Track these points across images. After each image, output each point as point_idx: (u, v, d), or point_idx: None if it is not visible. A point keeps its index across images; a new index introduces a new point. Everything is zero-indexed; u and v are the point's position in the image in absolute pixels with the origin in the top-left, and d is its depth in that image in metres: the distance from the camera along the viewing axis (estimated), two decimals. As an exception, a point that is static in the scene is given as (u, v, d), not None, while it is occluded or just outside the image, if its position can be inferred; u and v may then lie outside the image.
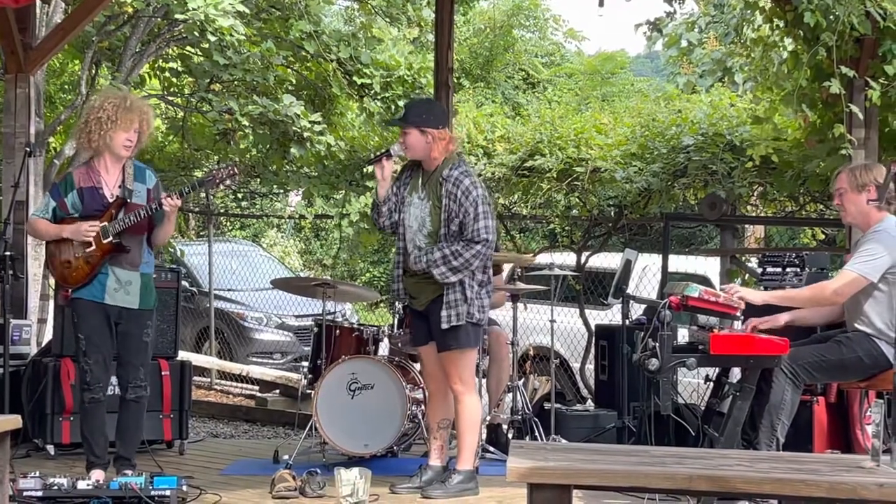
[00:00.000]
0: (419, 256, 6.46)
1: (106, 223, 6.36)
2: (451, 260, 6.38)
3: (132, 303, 6.44)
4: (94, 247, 6.35)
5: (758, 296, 6.34)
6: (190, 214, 15.78)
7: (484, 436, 7.77)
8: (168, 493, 6.00)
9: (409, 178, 6.68)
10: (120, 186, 6.46)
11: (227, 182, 6.62)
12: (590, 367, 9.93)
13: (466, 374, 6.56)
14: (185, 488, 6.22)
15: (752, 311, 6.40)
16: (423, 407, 7.52)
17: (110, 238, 6.36)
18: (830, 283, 6.33)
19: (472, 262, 6.39)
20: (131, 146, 6.44)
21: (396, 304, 7.74)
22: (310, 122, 10.50)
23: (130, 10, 10.18)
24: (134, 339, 6.47)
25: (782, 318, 6.23)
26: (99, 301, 6.39)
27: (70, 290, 6.44)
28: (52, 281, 8.53)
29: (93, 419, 6.48)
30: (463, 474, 6.52)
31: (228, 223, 20.26)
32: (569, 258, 10.70)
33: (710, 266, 10.74)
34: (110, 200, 6.42)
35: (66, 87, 12.69)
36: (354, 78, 10.97)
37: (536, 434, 7.82)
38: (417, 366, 7.72)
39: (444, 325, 6.42)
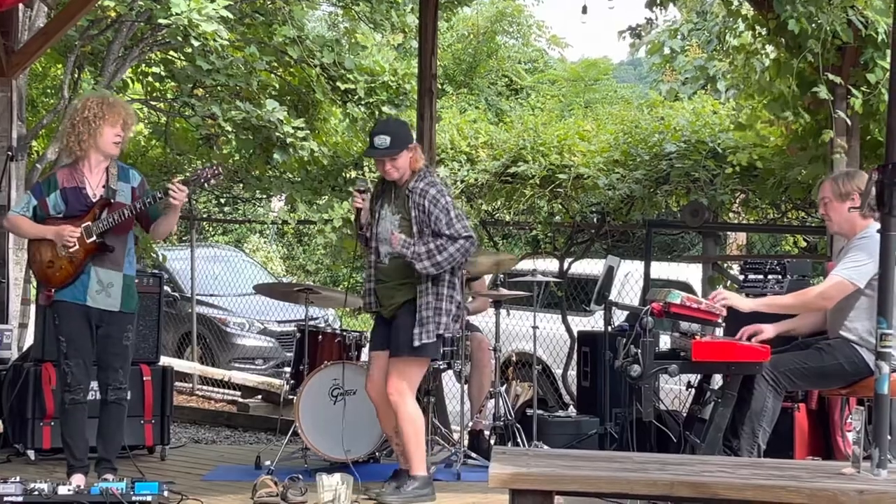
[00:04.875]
0: (406, 243, 6.44)
1: (90, 223, 6.36)
2: (436, 254, 6.39)
3: (113, 305, 6.43)
4: (77, 246, 6.35)
5: (745, 303, 6.36)
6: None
7: (466, 442, 7.78)
8: (149, 498, 5.99)
9: (383, 192, 6.73)
10: (104, 186, 6.46)
11: (212, 182, 6.64)
12: (572, 373, 9.94)
13: (407, 383, 6.52)
14: (166, 494, 6.21)
15: (738, 317, 6.42)
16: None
17: (94, 238, 6.35)
18: (818, 287, 6.36)
19: (456, 256, 6.43)
20: (120, 140, 6.46)
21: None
22: (293, 127, 10.49)
23: (113, 14, 10.15)
24: (114, 342, 6.46)
25: (769, 332, 6.23)
26: (80, 303, 6.39)
27: (53, 291, 6.43)
28: (34, 284, 8.50)
29: (73, 421, 6.47)
30: (418, 480, 6.51)
31: (211, 228, 20.20)
32: (551, 264, 10.71)
33: (692, 273, 10.76)
34: (94, 200, 6.42)
35: (49, 91, 12.65)
36: (338, 83, 10.96)
37: (518, 440, 7.82)
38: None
39: (416, 343, 6.41)
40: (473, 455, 7.63)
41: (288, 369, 8.38)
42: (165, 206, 6.52)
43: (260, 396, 11.60)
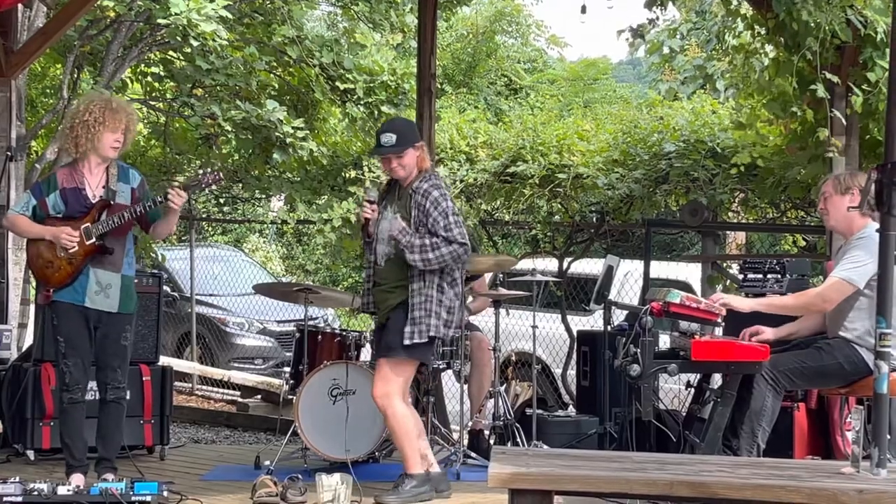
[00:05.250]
0: (404, 230, 6.42)
1: (89, 224, 6.36)
2: (428, 251, 6.35)
3: (111, 306, 6.43)
4: (76, 248, 6.35)
5: (744, 303, 6.36)
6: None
7: (465, 441, 7.78)
8: (149, 498, 6.00)
9: (388, 194, 6.72)
10: (104, 187, 6.46)
11: (213, 186, 6.64)
12: (571, 372, 9.94)
13: (393, 386, 6.47)
14: (165, 494, 6.21)
15: (738, 318, 6.41)
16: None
17: (94, 239, 6.36)
18: (818, 289, 6.36)
19: (447, 258, 6.37)
20: (119, 147, 6.46)
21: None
22: (292, 127, 10.49)
23: (112, 14, 10.15)
24: (112, 342, 6.47)
25: (769, 336, 6.23)
26: (79, 304, 6.39)
27: (51, 291, 6.44)
28: (33, 284, 8.51)
29: (72, 420, 6.48)
30: (416, 479, 6.49)
31: (210, 228, 20.20)
32: (551, 264, 10.71)
33: (691, 272, 10.77)
34: (93, 202, 6.42)
35: (48, 91, 12.65)
36: (337, 83, 10.96)
37: (518, 440, 7.82)
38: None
39: (407, 342, 6.37)
40: (473, 455, 7.63)
41: (287, 369, 8.38)
42: (165, 209, 6.52)
43: (259, 396, 11.61)
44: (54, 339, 6.51)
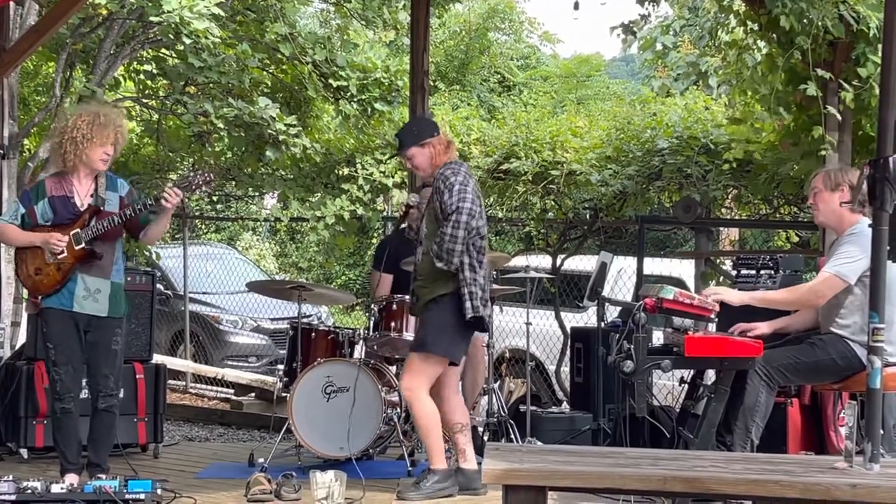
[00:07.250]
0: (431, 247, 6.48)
1: (78, 230, 6.34)
2: (442, 243, 6.37)
3: (100, 311, 6.41)
4: (65, 253, 6.33)
5: (736, 296, 6.37)
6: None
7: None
8: (142, 496, 6.00)
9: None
10: (92, 195, 6.44)
11: (203, 188, 6.61)
12: (565, 369, 9.95)
13: (420, 379, 6.52)
14: (159, 492, 6.20)
15: (730, 312, 6.42)
16: (398, 409, 7.53)
17: (82, 244, 6.33)
18: (810, 283, 6.37)
19: (454, 234, 6.35)
20: (108, 159, 6.45)
21: (373, 307, 7.74)
22: (285, 124, 10.48)
23: (105, 12, 10.13)
24: (103, 347, 6.44)
25: (764, 329, 6.24)
26: (67, 309, 6.37)
27: (39, 299, 6.41)
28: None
29: (65, 428, 6.46)
30: (438, 474, 6.51)
31: (203, 226, 20.15)
32: (544, 261, 10.71)
33: (684, 268, 10.77)
34: (82, 210, 6.40)
35: (41, 89, 12.63)
36: (330, 80, 10.96)
37: (512, 436, 7.82)
38: (393, 368, 7.73)
39: (469, 314, 6.39)
40: (467, 451, 7.62)
41: (281, 367, 8.38)
42: (159, 209, 6.50)
43: (253, 394, 11.60)
44: (44, 346, 6.48)
